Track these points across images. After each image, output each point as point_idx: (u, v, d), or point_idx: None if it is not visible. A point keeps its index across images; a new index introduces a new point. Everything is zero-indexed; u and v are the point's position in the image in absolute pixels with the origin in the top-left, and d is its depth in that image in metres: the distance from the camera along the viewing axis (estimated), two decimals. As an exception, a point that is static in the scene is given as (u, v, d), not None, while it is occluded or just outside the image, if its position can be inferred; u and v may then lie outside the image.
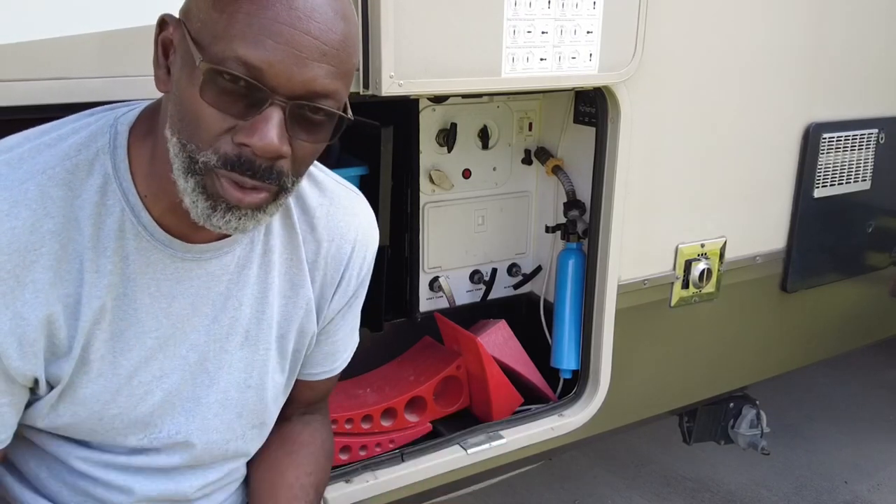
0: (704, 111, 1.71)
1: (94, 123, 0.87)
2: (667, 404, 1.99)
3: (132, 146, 0.86)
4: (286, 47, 0.74)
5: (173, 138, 0.79)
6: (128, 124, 0.87)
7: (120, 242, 0.85)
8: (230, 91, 0.75)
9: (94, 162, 0.84)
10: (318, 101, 0.78)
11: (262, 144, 0.76)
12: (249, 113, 0.76)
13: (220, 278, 0.93)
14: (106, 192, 0.84)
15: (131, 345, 0.89)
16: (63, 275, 0.83)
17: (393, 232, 1.74)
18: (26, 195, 0.80)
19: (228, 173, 0.78)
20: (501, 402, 1.70)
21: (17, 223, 0.79)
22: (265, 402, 1.02)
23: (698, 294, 1.82)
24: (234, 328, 0.95)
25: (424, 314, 1.85)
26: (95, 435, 0.92)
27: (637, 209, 1.65)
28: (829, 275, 2.11)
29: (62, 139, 0.85)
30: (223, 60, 0.74)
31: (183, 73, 0.78)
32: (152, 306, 0.89)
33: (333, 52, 0.77)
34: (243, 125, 0.76)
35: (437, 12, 1.28)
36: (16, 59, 1.00)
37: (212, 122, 0.76)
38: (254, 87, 0.75)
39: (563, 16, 1.41)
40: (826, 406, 3.02)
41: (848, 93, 1.97)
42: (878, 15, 1.96)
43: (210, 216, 0.80)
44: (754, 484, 2.53)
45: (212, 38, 0.75)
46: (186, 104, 0.77)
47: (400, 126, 1.67)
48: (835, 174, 1.98)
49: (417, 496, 1.55)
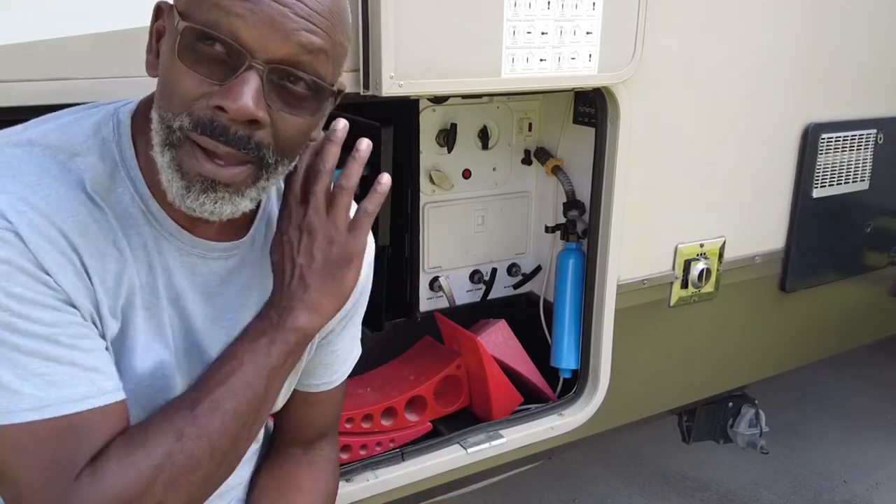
0: (703, 111, 1.71)
1: (96, 114, 0.86)
2: (666, 404, 1.99)
3: (135, 136, 0.85)
4: (266, 7, 0.73)
5: (155, 115, 0.79)
6: (128, 114, 0.86)
7: (136, 229, 0.85)
8: (208, 54, 0.75)
9: (102, 150, 0.84)
10: (299, 69, 0.77)
11: (235, 106, 0.74)
12: (227, 77, 0.75)
13: (224, 278, 0.92)
14: (114, 179, 0.83)
15: (156, 336, 0.87)
16: (100, 246, 0.81)
17: (393, 232, 1.75)
18: (50, 171, 0.79)
19: (199, 137, 0.76)
20: (501, 401, 1.70)
21: (50, 191, 0.78)
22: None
23: (697, 294, 1.83)
24: (235, 330, 0.94)
25: (424, 314, 1.86)
26: None
27: (636, 209, 1.66)
28: (828, 274, 2.11)
29: (67, 127, 0.84)
30: (203, 21, 0.74)
31: (166, 46, 0.78)
32: (168, 296, 0.88)
33: (318, 19, 0.76)
34: (220, 89, 0.75)
35: (438, 13, 1.28)
36: (11, 59, 1.00)
37: (188, 86, 0.75)
38: (231, 48, 0.74)
39: (563, 17, 1.42)
40: (825, 405, 3.03)
41: (847, 93, 1.97)
42: (877, 15, 1.96)
43: (185, 196, 0.78)
44: (753, 483, 2.54)
45: (196, 4, 0.75)
46: (165, 73, 0.77)
47: (400, 126, 1.67)
48: (834, 174, 1.98)
49: (417, 495, 1.56)
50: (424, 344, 1.84)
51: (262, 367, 0.86)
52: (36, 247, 0.75)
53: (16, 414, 0.74)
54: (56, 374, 0.76)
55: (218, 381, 0.84)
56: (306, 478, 1.07)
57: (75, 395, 0.76)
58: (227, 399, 0.83)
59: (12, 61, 1.00)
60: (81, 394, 0.77)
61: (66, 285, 0.77)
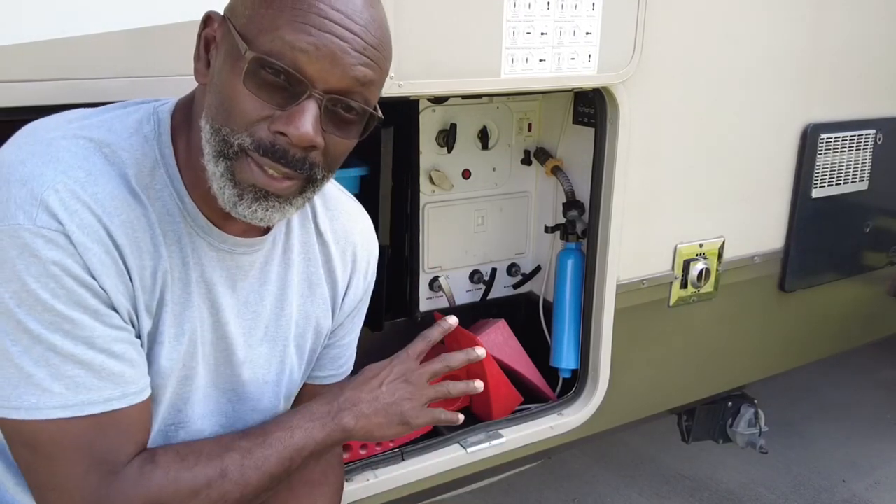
0: (703, 112, 1.72)
1: (136, 112, 0.89)
2: (665, 403, 2.00)
3: (173, 134, 0.88)
4: (329, 43, 0.78)
5: (207, 125, 0.82)
6: (168, 113, 0.89)
7: (173, 227, 0.88)
8: (271, 82, 0.79)
9: (144, 146, 0.86)
10: (353, 97, 0.82)
11: (298, 134, 0.79)
12: (288, 103, 0.80)
13: (247, 273, 0.96)
14: (154, 176, 0.86)
15: (185, 329, 0.91)
16: (140, 244, 0.84)
17: (393, 232, 1.75)
18: (97, 166, 0.82)
19: (260, 158, 0.81)
20: (501, 401, 1.71)
21: (97, 188, 0.81)
22: (279, 398, 1.04)
23: (697, 294, 1.83)
24: (257, 323, 0.98)
25: (424, 314, 1.86)
26: None
27: (636, 209, 1.66)
28: (827, 274, 2.12)
29: (111, 123, 0.87)
30: (269, 52, 0.78)
31: (226, 64, 0.81)
32: (199, 290, 0.91)
33: (371, 50, 0.82)
34: (281, 115, 0.80)
35: (438, 14, 1.29)
36: (23, 59, 1.00)
37: (250, 109, 0.80)
38: (295, 79, 0.78)
39: (563, 17, 1.42)
40: (824, 405, 3.03)
41: (846, 94, 1.98)
42: (876, 16, 1.97)
43: (237, 203, 0.83)
44: (753, 482, 2.54)
45: (258, 31, 0.79)
46: (226, 92, 0.81)
47: (400, 127, 1.68)
48: (833, 174, 1.99)
49: (417, 495, 1.56)
50: (424, 344, 1.84)
51: (308, 443, 0.95)
52: (84, 249, 0.79)
53: (44, 411, 0.79)
54: (86, 378, 0.81)
55: (269, 444, 0.92)
56: (315, 472, 1.10)
57: (99, 398, 0.82)
58: (272, 462, 0.92)
59: (26, 60, 1.00)
60: (105, 397, 0.82)
61: (109, 287, 0.81)
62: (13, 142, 0.84)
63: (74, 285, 0.78)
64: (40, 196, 0.77)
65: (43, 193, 0.77)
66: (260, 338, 0.99)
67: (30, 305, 0.77)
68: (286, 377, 1.04)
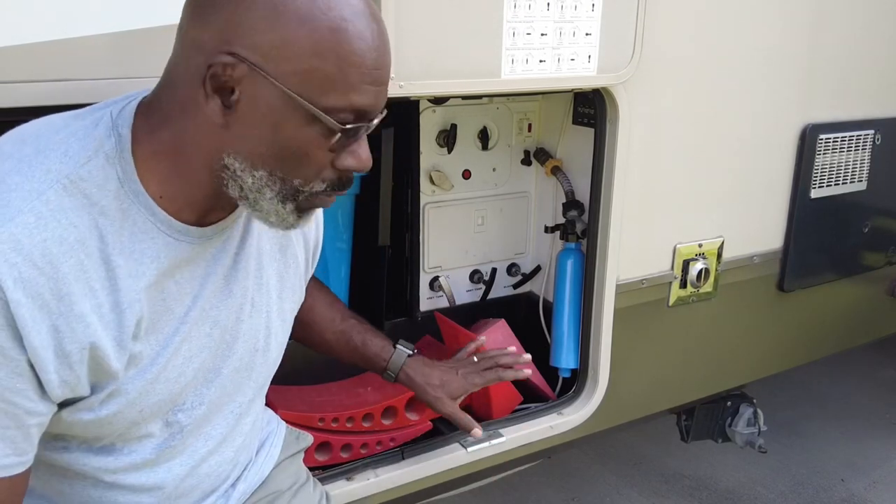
0: (702, 112, 1.72)
1: (94, 127, 0.85)
2: (665, 403, 2.00)
3: (135, 147, 0.85)
4: (380, 87, 0.84)
5: (259, 171, 0.84)
6: (128, 126, 0.85)
7: (147, 244, 0.86)
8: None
9: (106, 168, 0.83)
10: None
11: (363, 167, 0.87)
12: (350, 143, 0.85)
13: (228, 251, 0.96)
14: (119, 196, 0.84)
15: (166, 335, 0.91)
16: (94, 284, 0.82)
17: (393, 232, 1.75)
18: (48, 205, 0.79)
19: (334, 193, 0.88)
20: (501, 400, 1.71)
21: (46, 234, 0.78)
22: (270, 362, 1.07)
23: (696, 294, 1.84)
24: (245, 297, 0.99)
25: (425, 313, 1.86)
26: (127, 423, 0.92)
27: (635, 209, 1.66)
28: (826, 274, 2.12)
29: (66, 146, 0.83)
30: (337, 110, 0.81)
31: (285, 120, 0.81)
32: (179, 293, 0.91)
33: (389, 73, 0.87)
34: (343, 152, 0.85)
35: (438, 14, 1.29)
36: (19, 60, 1.01)
37: (322, 160, 0.85)
38: (361, 122, 0.84)
39: (563, 18, 1.42)
40: (823, 404, 3.04)
41: (844, 94, 1.98)
42: (876, 17, 1.97)
43: (295, 224, 0.89)
44: (751, 482, 2.55)
45: (321, 89, 0.80)
46: (295, 148, 0.83)
47: (400, 127, 1.68)
48: (831, 175, 1.99)
49: (418, 494, 1.56)
50: (424, 343, 1.85)
51: None
52: (17, 305, 0.76)
53: None
54: None
55: None
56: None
57: None
58: None
59: (21, 61, 1.01)
60: None
61: (35, 344, 0.78)
62: None
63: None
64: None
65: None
66: (248, 311, 1.00)
67: None
68: (273, 341, 1.06)
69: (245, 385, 1.04)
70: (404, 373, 1.40)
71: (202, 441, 1.02)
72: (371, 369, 1.42)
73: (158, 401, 0.92)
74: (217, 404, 1.01)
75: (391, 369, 1.40)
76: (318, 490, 1.28)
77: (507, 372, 1.49)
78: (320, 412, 1.51)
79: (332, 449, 1.55)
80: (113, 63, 1.06)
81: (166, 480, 0.99)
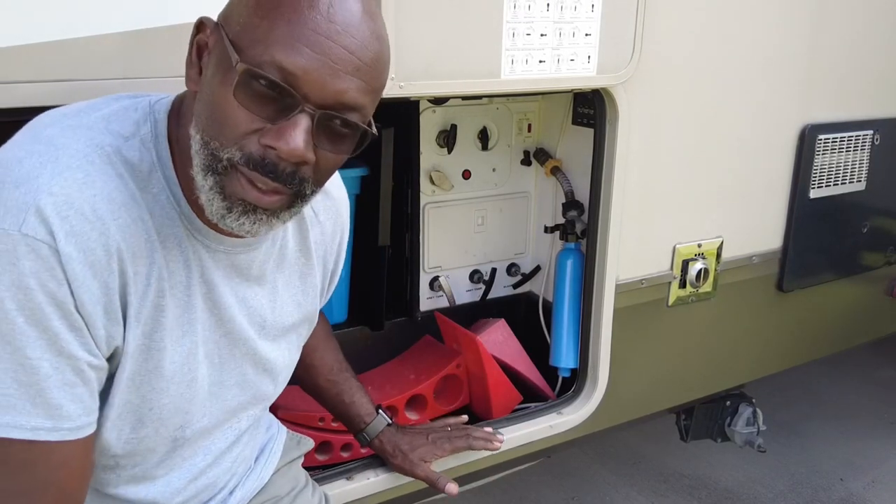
0: (701, 113, 1.73)
1: (133, 111, 0.87)
2: (664, 402, 2.01)
3: (170, 136, 0.87)
4: (322, 57, 0.76)
5: (196, 135, 0.80)
6: (164, 113, 0.87)
7: (172, 230, 0.87)
8: (262, 94, 0.77)
9: (142, 149, 0.85)
10: (347, 113, 0.80)
11: (288, 149, 0.77)
12: (279, 117, 0.77)
13: (245, 271, 0.96)
14: (151, 180, 0.85)
15: (186, 332, 0.91)
16: (136, 250, 0.83)
17: (393, 232, 1.76)
18: (94, 166, 0.80)
19: (250, 172, 0.79)
20: (501, 400, 1.71)
21: (94, 191, 0.79)
22: (277, 385, 1.07)
23: (695, 293, 1.84)
24: (254, 319, 0.99)
25: (425, 313, 1.87)
26: (139, 426, 0.92)
27: (635, 209, 1.67)
28: (825, 274, 2.13)
29: (107, 122, 0.84)
30: (260, 64, 0.76)
31: (217, 73, 0.79)
32: (201, 295, 0.91)
33: (366, 68, 0.79)
34: (271, 128, 0.78)
35: (438, 15, 1.29)
36: (22, 60, 1.01)
37: (240, 121, 0.78)
38: (286, 92, 0.76)
39: (562, 18, 1.43)
40: (821, 404, 3.04)
41: (843, 95, 1.99)
42: (875, 17, 1.97)
43: (224, 216, 0.81)
44: (750, 481, 2.55)
45: (250, 41, 0.77)
46: (216, 103, 0.79)
47: (401, 127, 1.69)
48: (830, 175, 2.00)
49: (417, 493, 1.57)
50: (424, 343, 1.85)
51: None
52: (68, 259, 0.76)
53: None
54: (17, 400, 0.77)
55: None
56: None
57: (27, 425, 0.78)
58: None
59: (25, 61, 1.01)
60: (33, 425, 0.78)
61: (86, 300, 0.78)
62: (12, 140, 0.83)
63: (44, 302, 0.75)
64: (33, 201, 0.75)
65: (36, 198, 0.75)
66: (257, 332, 1.00)
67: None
68: (281, 365, 1.06)
69: (249, 405, 1.05)
70: (378, 440, 1.40)
71: (201, 455, 1.02)
72: (348, 426, 1.41)
73: (169, 403, 0.91)
74: (219, 420, 1.01)
75: (368, 433, 1.39)
76: (318, 494, 1.29)
77: (477, 442, 1.46)
78: (320, 412, 1.51)
79: (333, 448, 1.55)
80: (118, 63, 1.06)
81: (164, 494, 0.99)
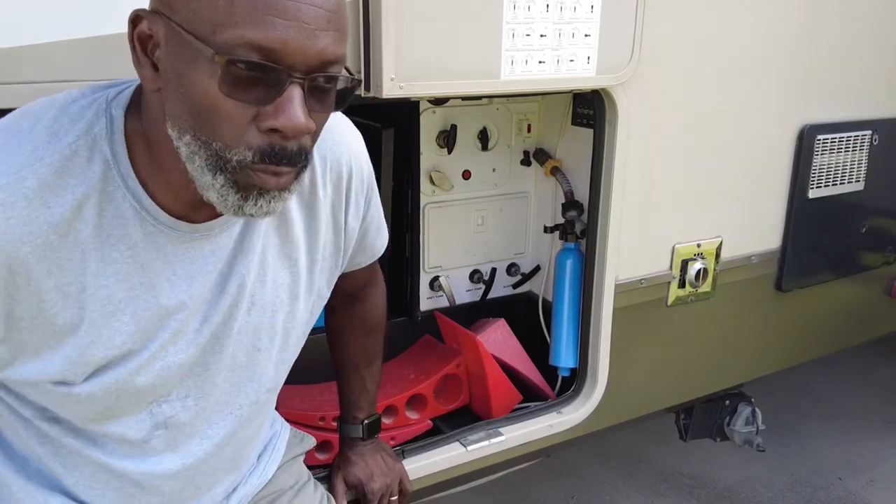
0: (700, 113, 1.73)
1: (88, 108, 0.84)
2: (663, 402, 2.01)
3: (128, 131, 0.84)
4: (295, 23, 0.73)
5: (186, 136, 0.77)
6: (122, 108, 0.84)
7: (124, 230, 0.84)
8: (247, 78, 0.73)
9: (93, 148, 0.82)
10: (331, 68, 0.77)
11: (291, 125, 0.75)
12: (270, 96, 0.75)
13: (225, 248, 0.94)
14: (106, 178, 0.83)
15: (156, 330, 0.90)
16: (62, 264, 0.82)
17: (394, 232, 1.75)
18: (24, 184, 0.79)
19: (266, 167, 0.77)
20: (500, 399, 1.72)
21: (12, 214, 0.79)
22: (278, 364, 1.05)
23: (695, 293, 1.84)
24: (242, 295, 0.96)
25: (425, 313, 1.87)
26: (109, 412, 0.92)
27: (634, 209, 1.67)
28: (824, 274, 2.13)
29: (57, 123, 0.82)
30: (234, 48, 0.72)
31: (186, 69, 0.75)
32: (171, 291, 0.90)
33: (335, 17, 0.76)
34: (266, 110, 0.75)
35: (438, 16, 1.29)
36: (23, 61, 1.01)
37: (235, 115, 0.75)
38: (272, 69, 0.73)
39: (562, 19, 1.43)
40: (820, 403, 3.05)
41: (842, 95, 1.99)
42: (873, 17, 1.98)
43: (242, 206, 0.80)
44: (750, 480, 2.56)
45: (213, 26, 0.72)
46: (199, 101, 0.75)
47: (401, 128, 1.69)
48: (829, 175, 2.00)
49: (418, 492, 1.57)
50: (425, 343, 1.86)
51: None
52: None
53: None
54: None
55: None
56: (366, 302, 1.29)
57: None
58: None
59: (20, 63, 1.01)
60: None
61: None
62: None
63: None
64: None
65: None
66: (246, 308, 0.97)
67: None
68: (282, 343, 1.04)
69: (246, 386, 1.02)
70: (345, 443, 1.38)
71: (197, 440, 1.01)
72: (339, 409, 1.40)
73: (139, 391, 0.92)
74: (214, 403, 1.00)
75: (344, 429, 1.37)
76: (319, 491, 1.29)
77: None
78: (321, 411, 1.52)
79: (333, 448, 1.55)
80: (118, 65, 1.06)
81: (157, 473, 0.98)
